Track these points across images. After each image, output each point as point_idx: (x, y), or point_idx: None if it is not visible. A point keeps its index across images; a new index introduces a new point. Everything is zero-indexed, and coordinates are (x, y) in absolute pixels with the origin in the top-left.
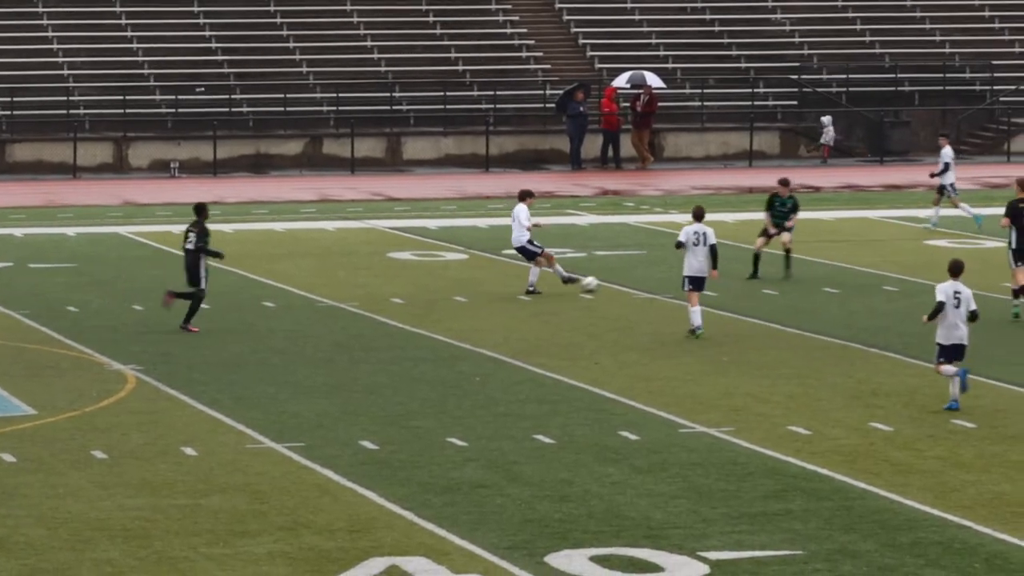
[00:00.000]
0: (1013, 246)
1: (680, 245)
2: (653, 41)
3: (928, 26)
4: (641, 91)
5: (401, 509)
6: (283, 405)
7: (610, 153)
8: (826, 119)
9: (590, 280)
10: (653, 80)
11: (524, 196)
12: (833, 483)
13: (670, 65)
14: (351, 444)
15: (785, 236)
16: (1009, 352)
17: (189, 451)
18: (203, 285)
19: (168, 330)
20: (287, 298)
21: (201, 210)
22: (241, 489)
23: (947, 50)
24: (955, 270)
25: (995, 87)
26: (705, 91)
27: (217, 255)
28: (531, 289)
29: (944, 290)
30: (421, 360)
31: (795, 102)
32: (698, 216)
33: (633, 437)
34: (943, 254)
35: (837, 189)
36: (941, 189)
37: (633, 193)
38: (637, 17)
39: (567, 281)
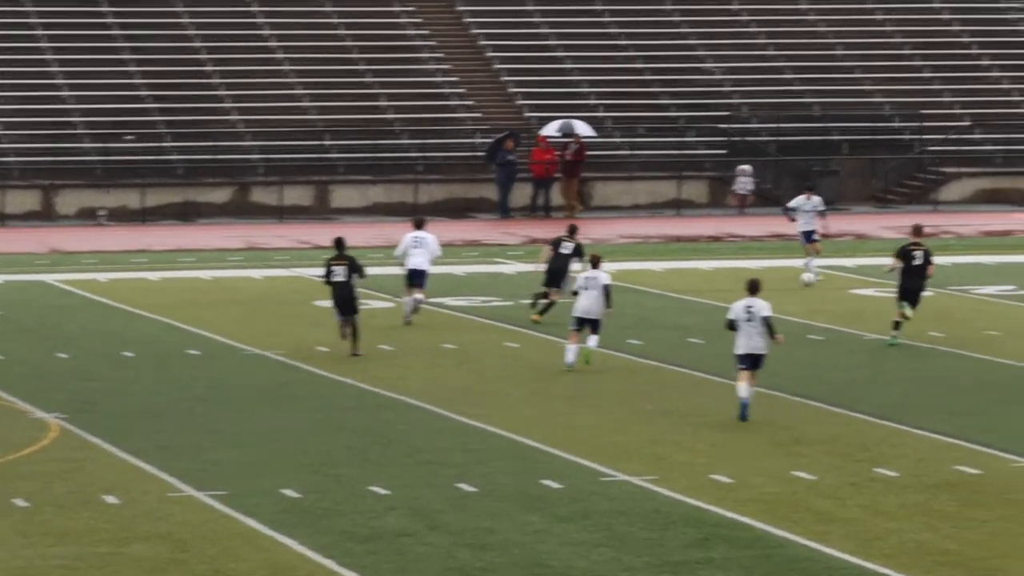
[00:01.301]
0: (903, 286)
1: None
2: (583, 90)
3: (858, 76)
4: (571, 140)
5: (322, 557)
6: (206, 453)
7: (540, 201)
8: (743, 168)
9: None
10: (583, 129)
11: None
12: (755, 532)
13: (600, 114)
14: (273, 492)
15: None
16: (933, 402)
17: (111, 499)
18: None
19: (92, 378)
20: (212, 346)
21: (341, 243)
22: (163, 537)
23: (877, 99)
24: (752, 288)
25: (924, 136)
26: (634, 140)
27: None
28: (409, 320)
29: (735, 309)
30: (345, 408)
31: (724, 151)
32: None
33: (556, 485)
34: (868, 303)
35: (763, 237)
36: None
37: None
38: (567, 66)
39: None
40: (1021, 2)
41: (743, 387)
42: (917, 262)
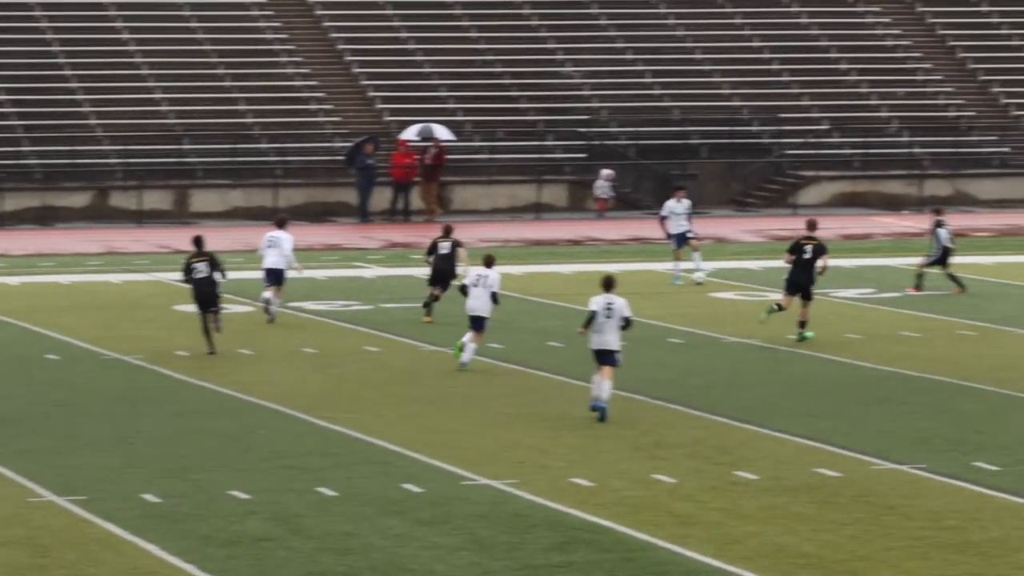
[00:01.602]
0: (790, 278)
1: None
2: (442, 94)
3: (717, 80)
4: (430, 144)
5: (183, 562)
6: (66, 458)
7: (399, 205)
8: (605, 172)
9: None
10: (442, 133)
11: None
12: (616, 535)
13: (459, 118)
14: (133, 497)
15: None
16: (793, 405)
17: None
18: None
19: None
20: (71, 351)
21: (200, 241)
22: (22, 543)
23: (735, 103)
24: (607, 284)
25: (782, 140)
26: (494, 144)
27: None
28: (271, 319)
29: (597, 302)
30: (205, 413)
31: (584, 155)
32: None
33: (416, 489)
34: (727, 306)
35: (622, 241)
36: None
37: (420, 246)
38: (427, 70)
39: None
40: (877, 6)
41: (596, 378)
42: (807, 256)
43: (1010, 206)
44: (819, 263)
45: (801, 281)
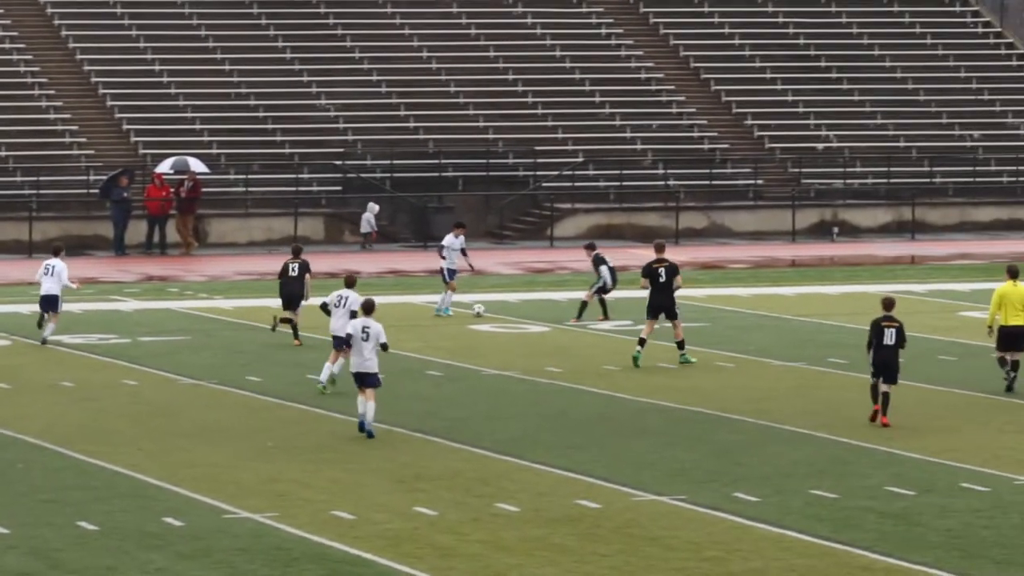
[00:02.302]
0: (651, 303)
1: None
2: (197, 127)
3: (472, 112)
4: (185, 177)
5: None
6: None
7: (155, 238)
8: (371, 205)
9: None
10: (197, 166)
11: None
12: (378, 567)
13: (214, 151)
14: None
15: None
16: (553, 437)
17: None
18: None
19: None
20: None
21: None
22: None
23: (491, 136)
24: (367, 308)
25: (538, 173)
26: (249, 177)
27: None
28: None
29: (355, 325)
30: None
31: (339, 188)
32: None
33: (177, 523)
34: (486, 338)
35: (381, 274)
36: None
37: (177, 279)
38: (181, 103)
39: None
40: (631, 39)
41: (360, 401)
42: (663, 279)
43: (764, 238)
44: (677, 280)
45: (662, 304)
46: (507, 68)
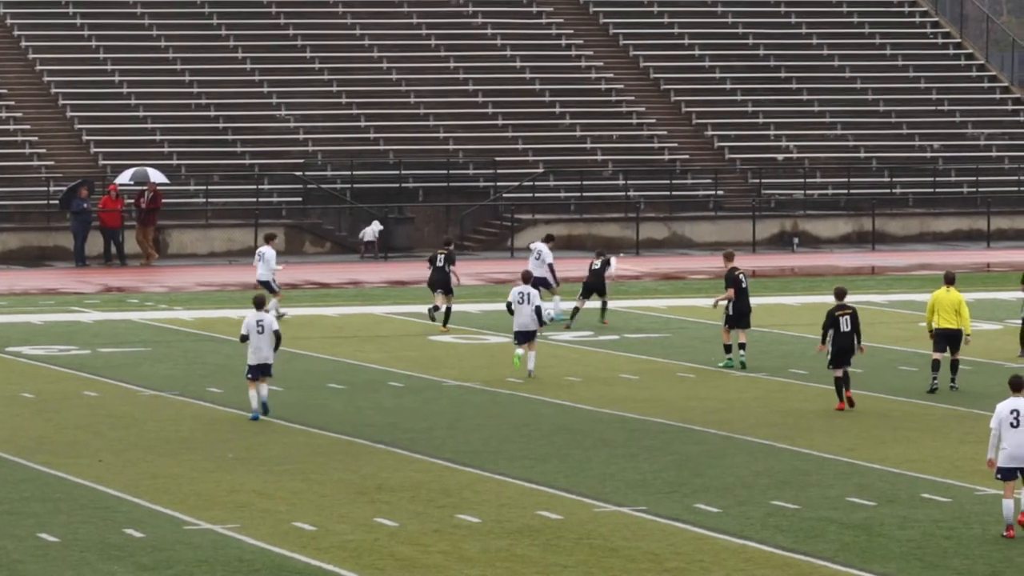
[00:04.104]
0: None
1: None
2: (157, 137)
3: (432, 123)
4: (145, 188)
5: None
6: None
7: (114, 250)
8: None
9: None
10: (157, 176)
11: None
12: None
13: (174, 161)
14: None
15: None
16: (515, 448)
17: None
18: None
19: None
20: None
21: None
22: None
23: (451, 147)
24: (259, 303)
25: (498, 183)
26: (210, 187)
27: None
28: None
29: (248, 322)
30: None
31: (300, 198)
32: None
33: (138, 535)
34: (447, 349)
35: (342, 285)
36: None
37: (137, 290)
38: (141, 113)
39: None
40: (590, 50)
41: (253, 394)
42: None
43: (725, 248)
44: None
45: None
46: (467, 79)
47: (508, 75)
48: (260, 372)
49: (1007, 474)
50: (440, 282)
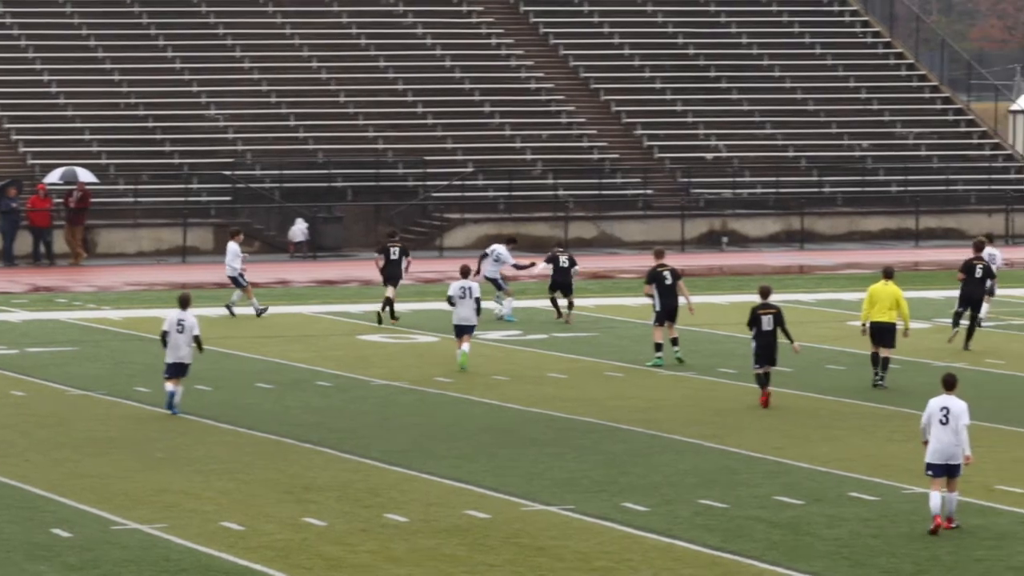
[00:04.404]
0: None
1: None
2: (86, 137)
3: (361, 122)
4: (74, 187)
5: None
6: None
7: (43, 249)
8: (298, 221)
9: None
10: (85, 176)
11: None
12: None
13: (103, 161)
14: None
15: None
16: (443, 447)
17: None
18: None
19: None
20: None
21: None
22: None
23: (380, 146)
24: (183, 302)
25: (427, 183)
26: (138, 187)
27: None
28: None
29: (169, 320)
30: None
31: (229, 198)
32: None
33: (65, 535)
34: (376, 349)
35: (270, 284)
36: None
37: (66, 289)
38: (70, 112)
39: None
40: (520, 49)
41: (169, 387)
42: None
43: (654, 247)
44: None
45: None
46: (397, 78)
47: (438, 74)
48: (177, 372)
49: (937, 470)
50: (395, 275)
